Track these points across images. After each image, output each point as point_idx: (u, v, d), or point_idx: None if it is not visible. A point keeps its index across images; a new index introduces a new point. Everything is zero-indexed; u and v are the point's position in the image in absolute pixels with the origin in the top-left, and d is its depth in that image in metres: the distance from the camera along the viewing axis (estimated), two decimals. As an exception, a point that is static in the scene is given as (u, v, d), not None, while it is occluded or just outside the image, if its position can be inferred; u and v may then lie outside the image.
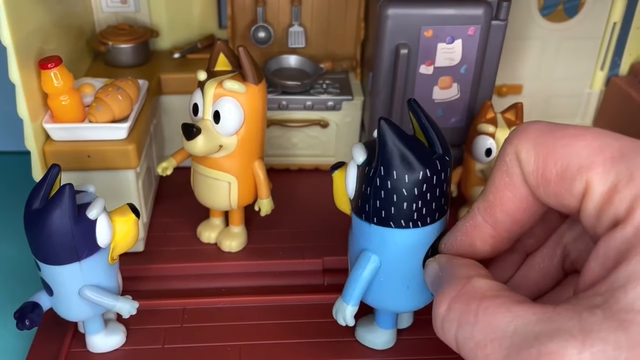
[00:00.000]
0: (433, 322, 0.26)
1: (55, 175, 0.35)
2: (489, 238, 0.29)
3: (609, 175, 0.23)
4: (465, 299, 0.25)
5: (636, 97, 0.59)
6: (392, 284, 0.36)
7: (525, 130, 0.26)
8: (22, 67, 0.39)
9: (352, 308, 0.37)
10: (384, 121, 0.32)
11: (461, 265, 0.28)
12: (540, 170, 0.25)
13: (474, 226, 0.29)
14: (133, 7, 0.58)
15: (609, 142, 0.24)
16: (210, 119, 0.42)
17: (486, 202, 0.28)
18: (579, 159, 0.24)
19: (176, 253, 0.48)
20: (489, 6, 0.46)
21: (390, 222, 0.33)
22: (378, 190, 0.32)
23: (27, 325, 0.36)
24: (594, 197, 0.23)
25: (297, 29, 0.57)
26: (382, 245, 0.34)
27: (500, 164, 0.27)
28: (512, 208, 0.27)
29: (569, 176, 0.24)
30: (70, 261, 0.35)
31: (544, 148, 0.25)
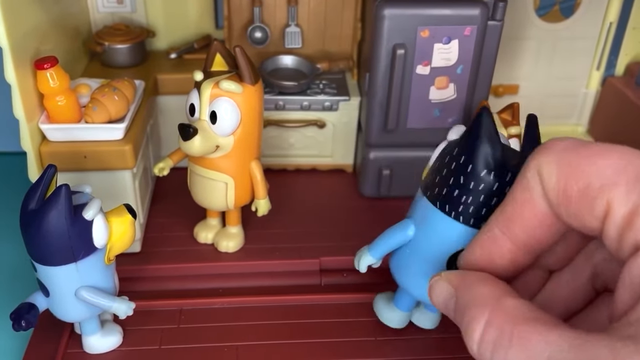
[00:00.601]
0: (467, 344, 0.26)
1: (52, 176, 0.34)
2: (507, 252, 0.28)
3: (631, 196, 0.22)
4: (498, 322, 0.24)
5: (632, 97, 0.59)
6: (414, 263, 0.36)
7: (549, 147, 0.25)
8: (18, 67, 0.39)
9: (371, 258, 0.38)
10: (485, 110, 0.31)
11: (481, 283, 0.27)
12: (561, 188, 0.24)
13: (492, 239, 0.28)
14: (129, 8, 0.57)
15: (634, 162, 0.23)
16: (207, 119, 0.42)
17: (505, 215, 0.27)
18: (601, 177, 0.23)
19: (173, 254, 0.48)
20: (485, 6, 0.46)
21: (437, 202, 0.33)
22: (442, 167, 0.33)
23: (23, 327, 0.36)
24: (615, 219, 0.23)
25: (294, 29, 0.57)
26: (423, 220, 0.35)
27: (521, 179, 0.26)
28: (531, 224, 0.26)
29: (590, 195, 0.23)
30: (67, 262, 0.35)
31: (566, 165, 0.24)
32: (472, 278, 0.28)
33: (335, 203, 0.55)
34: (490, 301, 0.25)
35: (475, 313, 0.25)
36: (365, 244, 0.39)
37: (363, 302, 0.44)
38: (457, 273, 0.29)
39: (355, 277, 0.46)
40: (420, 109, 0.50)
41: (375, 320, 0.42)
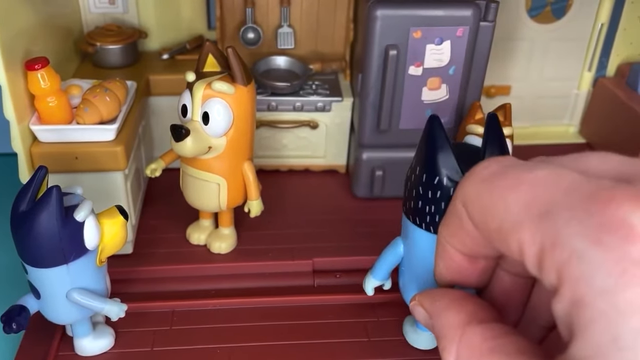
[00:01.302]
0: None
1: (43, 177, 0.34)
2: (463, 262, 0.28)
3: (536, 236, 0.21)
4: (465, 356, 0.25)
5: (623, 97, 0.60)
6: (410, 280, 0.37)
7: (472, 177, 0.25)
8: (9, 68, 0.39)
9: (374, 280, 0.40)
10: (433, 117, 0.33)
11: (449, 310, 0.27)
12: (482, 226, 0.24)
13: (445, 252, 0.28)
14: (121, 8, 0.57)
15: (539, 195, 0.22)
16: (199, 120, 0.42)
17: (447, 230, 0.27)
18: (510, 216, 0.23)
19: (165, 255, 0.48)
20: (478, 7, 0.46)
21: (409, 215, 0.35)
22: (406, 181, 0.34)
23: (14, 329, 0.35)
24: (529, 260, 0.22)
25: (286, 30, 0.57)
26: (406, 236, 0.36)
27: (452, 204, 0.26)
28: (468, 244, 0.27)
29: (504, 234, 0.23)
30: (58, 264, 0.34)
31: (483, 200, 0.24)
32: (440, 303, 0.28)
33: (328, 204, 0.55)
34: (457, 332, 0.26)
35: (445, 345, 0.26)
36: (358, 244, 0.39)
37: (356, 302, 0.44)
38: (428, 297, 0.29)
39: (348, 278, 0.46)
40: (413, 110, 0.50)
41: (368, 320, 0.42)
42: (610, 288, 0.18)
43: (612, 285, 0.18)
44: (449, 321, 0.27)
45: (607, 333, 0.19)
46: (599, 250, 0.19)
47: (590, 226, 0.19)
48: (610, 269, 0.19)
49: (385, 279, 0.40)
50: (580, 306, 0.19)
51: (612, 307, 0.18)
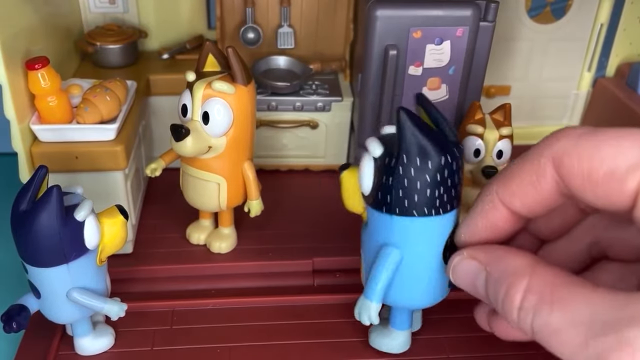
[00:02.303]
0: (507, 313, 0.27)
1: (43, 176, 0.34)
2: (506, 220, 0.30)
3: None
4: (537, 288, 0.26)
5: (623, 98, 0.60)
6: (413, 278, 0.36)
7: (566, 135, 0.26)
8: (9, 67, 0.39)
9: (377, 305, 0.36)
10: (402, 111, 0.32)
11: (511, 255, 0.28)
12: (586, 173, 0.25)
13: (493, 209, 0.30)
14: (121, 8, 0.57)
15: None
16: (199, 120, 0.42)
17: (507, 190, 0.29)
18: (627, 158, 0.24)
19: (165, 255, 0.48)
20: (477, 8, 0.46)
21: (413, 210, 0.33)
22: (401, 179, 0.33)
23: (14, 328, 0.35)
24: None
25: (286, 29, 0.57)
26: (405, 237, 0.34)
27: (532, 160, 0.28)
28: (531, 203, 0.28)
29: (618, 177, 0.24)
30: (58, 263, 0.34)
31: (587, 151, 0.25)
32: (499, 252, 0.29)
33: (328, 203, 0.55)
34: (527, 269, 0.27)
35: (513, 281, 0.27)
36: (358, 244, 0.39)
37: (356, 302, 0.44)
38: (481, 249, 0.30)
39: (348, 278, 0.46)
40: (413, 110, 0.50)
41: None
42: None
43: None
44: (515, 263, 0.28)
45: None
46: None
47: None
48: None
49: (382, 300, 0.36)
50: None
51: None
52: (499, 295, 0.27)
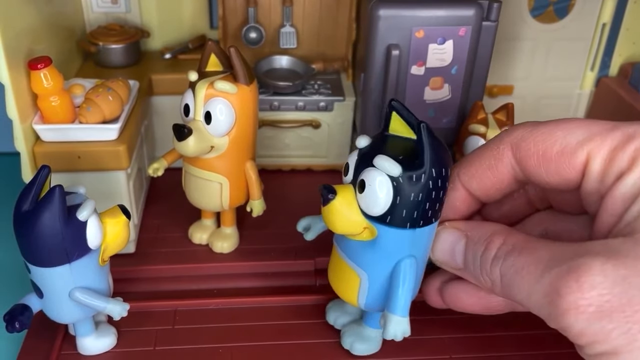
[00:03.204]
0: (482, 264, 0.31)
1: (45, 176, 0.34)
2: (464, 200, 0.34)
3: (606, 141, 0.27)
4: (512, 241, 0.30)
5: (626, 97, 0.60)
6: (417, 277, 0.36)
7: (522, 126, 0.31)
8: (12, 67, 0.39)
9: (408, 319, 0.35)
10: (424, 124, 0.32)
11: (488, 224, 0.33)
12: (541, 152, 0.29)
13: (454, 189, 0.34)
14: (124, 8, 0.57)
15: (599, 121, 0.28)
16: (202, 119, 0.42)
17: (468, 172, 0.33)
18: (576, 136, 0.28)
19: (167, 254, 0.48)
20: (480, 7, 0.46)
21: (433, 218, 0.33)
22: (430, 193, 0.31)
23: (17, 328, 0.35)
24: (596, 163, 0.27)
25: (289, 29, 0.57)
26: (422, 244, 0.34)
27: (492, 147, 0.32)
28: (488, 185, 0.33)
29: (569, 151, 0.28)
30: (61, 263, 0.34)
31: (542, 134, 0.29)
32: (477, 222, 0.34)
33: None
34: (504, 231, 0.31)
35: (492, 238, 0.31)
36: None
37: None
38: (461, 221, 0.34)
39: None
40: (415, 110, 0.49)
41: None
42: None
43: None
44: (493, 228, 0.32)
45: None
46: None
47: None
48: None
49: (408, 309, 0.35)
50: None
51: None
52: (478, 252, 0.31)
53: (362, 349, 0.39)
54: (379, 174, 0.32)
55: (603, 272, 0.24)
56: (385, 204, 0.32)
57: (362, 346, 0.39)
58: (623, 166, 0.26)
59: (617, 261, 0.24)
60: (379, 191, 0.32)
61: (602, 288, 0.24)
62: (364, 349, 0.39)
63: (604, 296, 0.24)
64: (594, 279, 0.24)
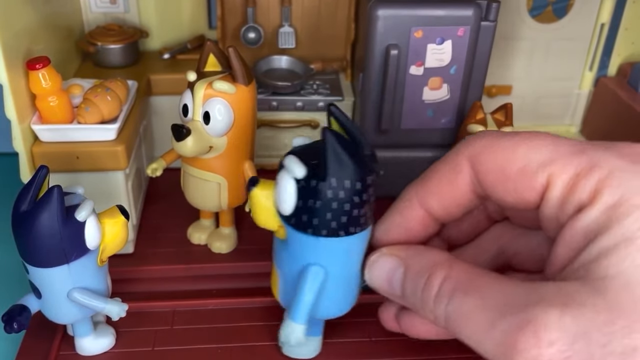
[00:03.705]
0: (424, 300, 0.28)
1: (44, 176, 0.34)
2: (421, 221, 0.31)
3: (570, 166, 0.25)
4: (456, 275, 0.27)
5: (625, 97, 0.60)
6: (333, 292, 0.35)
7: (482, 136, 0.28)
8: (10, 67, 0.39)
9: (304, 327, 0.35)
10: (328, 131, 0.30)
11: (428, 251, 0.30)
12: (500, 169, 0.27)
13: (410, 207, 0.31)
14: (122, 8, 0.57)
15: (565, 140, 0.26)
16: (200, 119, 0.42)
17: (425, 189, 0.30)
18: (539, 155, 0.26)
19: (166, 255, 0.48)
20: (479, 7, 0.46)
21: (340, 231, 0.32)
22: (329, 203, 0.31)
23: (15, 329, 0.35)
24: (557, 188, 0.25)
25: (287, 29, 0.57)
26: (330, 256, 0.33)
27: (450, 160, 0.29)
28: (448, 202, 0.30)
29: (529, 172, 0.26)
30: (59, 264, 0.34)
31: (503, 149, 0.27)
32: (417, 249, 0.31)
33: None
34: (446, 262, 0.28)
35: (433, 271, 0.28)
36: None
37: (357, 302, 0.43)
38: (400, 247, 0.31)
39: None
40: (414, 110, 0.50)
41: (369, 320, 0.42)
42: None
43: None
44: (434, 257, 0.29)
45: (637, 222, 0.23)
46: (637, 166, 0.24)
47: (626, 154, 0.24)
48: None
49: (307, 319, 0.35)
50: (615, 207, 0.23)
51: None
52: (419, 285, 0.28)
53: (296, 352, 0.40)
54: (286, 173, 0.32)
55: (562, 327, 0.22)
56: (290, 205, 0.32)
57: (297, 350, 0.39)
58: (584, 198, 0.24)
59: (575, 312, 0.22)
60: (283, 190, 0.32)
61: (562, 344, 0.22)
62: (298, 352, 0.39)
63: (564, 352, 0.22)
64: (553, 334, 0.22)
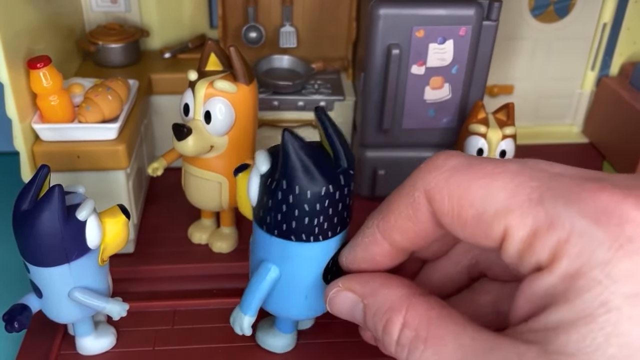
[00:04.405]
0: (385, 346, 0.27)
1: (45, 176, 0.34)
2: (387, 254, 0.29)
3: (527, 220, 0.22)
4: (413, 323, 0.26)
5: (627, 97, 0.60)
6: (291, 294, 0.35)
7: (437, 167, 0.25)
8: (11, 67, 0.39)
9: (250, 318, 0.36)
10: (287, 133, 0.30)
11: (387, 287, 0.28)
12: (455, 212, 0.25)
13: (374, 242, 0.29)
14: (123, 7, 0.57)
15: (525, 183, 0.23)
16: (201, 119, 0.42)
17: (387, 224, 0.28)
18: (495, 202, 0.23)
19: (167, 254, 0.48)
20: (480, 7, 0.46)
21: (292, 235, 0.32)
22: (280, 204, 0.31)
23: (16, 328, 0.35)
24: (514, 242, 0.23)
25: (289, 29, 0.57)
26: (283, 258, 0.34)
27: (407, 194, 0.27)
28: (412, 236, 0.27)
29: (485, 220, 0.24)
30: (60, 263, 0.34)
31: (458, 188, 0.24)
32: (375, 283, 0.29)
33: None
34: (403, 303, 0.27)
35: (390, 317, 0.27)
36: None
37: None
38: (357, 280, 0.30)
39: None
40: (415, 109, 0.50)
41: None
42: (608, 260, 0.21)
43: (609, 258, 0.21)
44: (390, 296, 0.28)
45: (598, 298, 0.21)
46: (600, 229, 0.21)
47: (588, 210, 0.22)
48: (610, 244, 0.21)
49: (257, 313, 0.36)
50: (575, 277, 0.21)
51: (607, 277, 0.21)
52: (379, 329, 0.27)
53: (268, 345, 0.40)
54: (254, 167, 0.33)
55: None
56: (252, 198, 0.33)
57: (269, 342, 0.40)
58: (542, 259, 0.22)
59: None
60: (250, 181, 0.33)
61: None
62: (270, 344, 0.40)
63: None
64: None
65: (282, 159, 0.31)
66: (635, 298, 0.20)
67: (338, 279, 0.30)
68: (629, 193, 0.21)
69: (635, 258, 0.21)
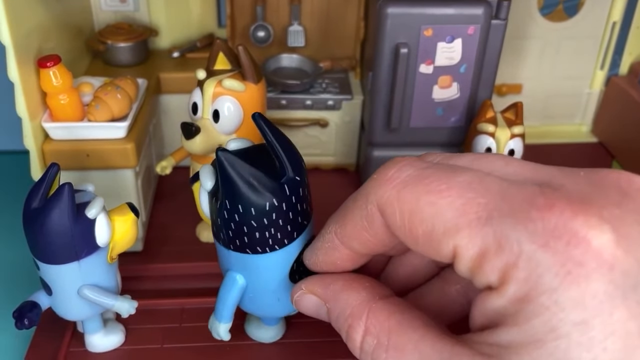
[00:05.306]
0: (351, 349, 0.27)
1: (54, 174, 0.34)
2: (348, 259, 0.29)
3: (476, 240, 0.22)
4: (374, 330, 0.26)
5: (636, 96, 0.59)
6: (263, 298, 0.35)
7: (390, 180, 0.25)
8: (21, 65, 0.39)
9: (225, 325, 0.37)
10: (221, 152, 0.30)
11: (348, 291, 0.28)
12: (406, 228, 0.24)
13: (333, 248, 0.29)
14: (132, 6, 0.57)
15: (473, 200, 0.23)
16: (210, 118, 0.42)
17: (344, 232, 0.28)
18: (443, 220, 0.23)
19: (175, 252, 0.48)
20: (489, 5, 0.46)
21: (247, 249, 0.32)
22: (228, 222, 0.32)
23: (26, 325, 0.36)
24: (464, 261, 0.23)
25: (297, 28, 0.57)
26: (244, 268, 0.34)
27: (361, 206, 0.26)
28: (370, 245, 0.27)
29: (435, 239, 0.23)
30: (69, 260, 0.35)
31: (408, 204, 0.24)
32: (336, 286, 0.29)
33: (338, 202, 0.54)
34: (364, 308, 0.27)
35: (352, 323, 0.27)
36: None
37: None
38: (319, 283, 0.30)
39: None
40: (423, 108, 0.50)
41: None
42: (555, 287, 0.20)
43: (557, 284, 0.20)
44: (350, 301, 0.28)
45: (547, 324, 0.21)
46: (547, 254, 0.21)
47: (537, 231, 0.21)
48: (557, 270, 0.20)
49: (232, 318, 0.37)
50: (523, 302, 0.21)
51: (555, 303, 0.20)
52: (342, 333, 0.28)
53: (257, 336, 0.41)
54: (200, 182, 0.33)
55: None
56: (206, 212, 0.34)
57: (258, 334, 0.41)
58: (492, 280, 0.22)
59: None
60: (201, 200, 0.33)
61: None
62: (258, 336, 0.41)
63: None
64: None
65: (220, 179, 0.31)
66: (584, 325, 0.20)
67: (301, 282, 0.31)
68: (581, 207, 0.21)
69: (583, 285, 0.20)
